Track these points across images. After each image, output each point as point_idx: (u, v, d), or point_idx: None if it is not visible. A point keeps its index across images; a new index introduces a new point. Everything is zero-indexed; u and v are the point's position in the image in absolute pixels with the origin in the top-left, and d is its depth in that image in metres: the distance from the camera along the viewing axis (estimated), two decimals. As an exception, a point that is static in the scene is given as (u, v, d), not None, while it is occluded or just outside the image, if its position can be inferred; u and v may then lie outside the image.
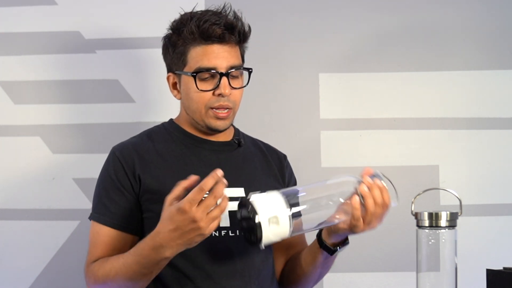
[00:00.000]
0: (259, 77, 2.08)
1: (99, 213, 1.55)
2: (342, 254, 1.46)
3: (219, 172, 1.29)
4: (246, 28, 1.59)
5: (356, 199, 1.33)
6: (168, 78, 1.63)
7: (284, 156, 1.74)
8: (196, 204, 1.28)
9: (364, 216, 1.35)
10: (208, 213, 1.28)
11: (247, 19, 1.62)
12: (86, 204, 2.10)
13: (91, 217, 1.57)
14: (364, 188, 1.34)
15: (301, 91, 2.16)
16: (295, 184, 1.73)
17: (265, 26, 2.15)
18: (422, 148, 2.15)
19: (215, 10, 1.58)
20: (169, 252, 1.35)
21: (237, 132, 1.69)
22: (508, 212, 2.13)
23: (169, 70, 1.63)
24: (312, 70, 2.16)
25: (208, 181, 1.28)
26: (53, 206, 2.12)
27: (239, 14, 1.59)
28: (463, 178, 2.14)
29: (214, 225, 1.30)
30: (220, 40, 1.54)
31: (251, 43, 1.65)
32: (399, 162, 2.14)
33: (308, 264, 1.57)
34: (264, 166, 1.67)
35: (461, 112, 2.16)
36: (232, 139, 1.66)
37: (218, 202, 1.29)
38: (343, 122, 2.16)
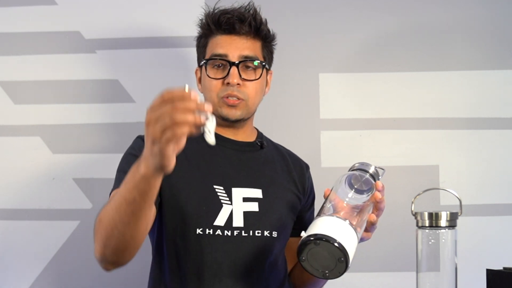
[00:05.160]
0: (259, 77, 2.08)
1: None
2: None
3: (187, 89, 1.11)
4: (261, 21, 1.61)
5: (379, 195, 1.31)
6: (196, 73, 1.67)
7: (307, 166, 1.75)
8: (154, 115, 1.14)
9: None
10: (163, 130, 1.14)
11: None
12: (86, 204, 2.10)
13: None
14: (379, 195, 1.32)
15: (301, 91, 2.16)
16: (314, 198, 1.73)
17: (265, 26, 2.15)
18: (422, 148, 2.15)
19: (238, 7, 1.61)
20: (143, 166, 1.19)
21: (260, 135, 1.71)
22: (508, 212, 2.13)
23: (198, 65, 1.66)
24: (312, 70, 2.16)
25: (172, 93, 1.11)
26: (53, 206, 2.12)
27: (258, 9, 1.62)
28: (463, 178, 2.14)
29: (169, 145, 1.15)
30: (232, 29, 1.57)
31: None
32: (399, 162, 2.14)
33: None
34: (285, 171, 1.67)
35: (461, 112, 2.16)
36: (255, 141, 1.66)
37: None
38: (343, 122, 2.16)
